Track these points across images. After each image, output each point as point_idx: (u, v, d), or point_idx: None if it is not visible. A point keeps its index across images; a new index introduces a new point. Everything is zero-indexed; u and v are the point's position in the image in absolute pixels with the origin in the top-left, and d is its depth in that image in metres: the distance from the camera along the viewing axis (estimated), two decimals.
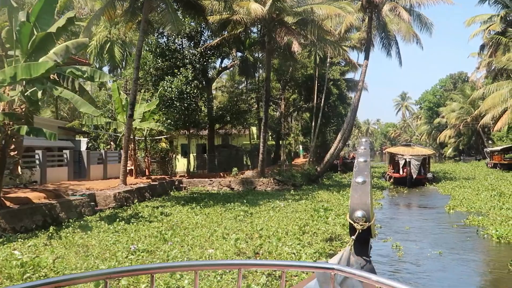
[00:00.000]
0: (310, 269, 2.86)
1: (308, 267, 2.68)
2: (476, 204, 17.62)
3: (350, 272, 2.10)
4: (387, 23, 33.16)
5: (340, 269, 2.05)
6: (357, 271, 2.15)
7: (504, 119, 38.99)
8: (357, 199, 4.14)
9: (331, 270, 2.04)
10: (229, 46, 27.71)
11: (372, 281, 1.85)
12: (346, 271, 2.08)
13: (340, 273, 2.06)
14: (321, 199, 19.69)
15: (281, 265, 2.27)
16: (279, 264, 2.40)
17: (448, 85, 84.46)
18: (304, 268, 2.99)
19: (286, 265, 2.32)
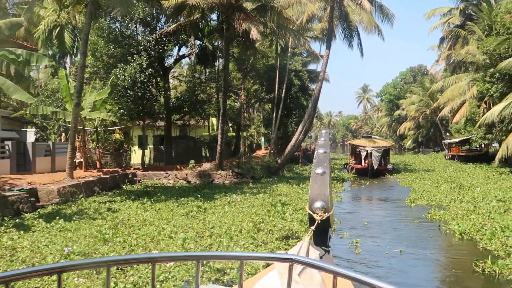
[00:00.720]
0: (269, 260, 2.78)
1: (267, 258, 2.61)
2: (436, 197, 17.32)
3: (309, 262, 2.14)
4: (349, 13, 32.76)
5: (298, 259, 2.07)
6: (315, 261, 2.16)
7: (462, 111, 39.49)
8: (316, 190, 4.19)
9: (290, 261, 2.04)
10: (187, 33, 26.53)
11: (330, 271, 1.86)
12: (305, 261, 2.11)
13: (299, 263, 2.09)
14: (280, 192, 19.00)
15: (240, 257, 2.26)
16: (238, 256, 2.42)
17: (408, 78, 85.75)
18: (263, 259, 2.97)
19: (245, 257, 2.33)
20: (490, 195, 16.85)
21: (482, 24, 38.30)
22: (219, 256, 3.45)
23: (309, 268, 2.71)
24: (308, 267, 2.65)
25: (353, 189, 23.21)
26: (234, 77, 36.50)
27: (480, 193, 17.44)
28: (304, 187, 20.69)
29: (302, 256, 2.86)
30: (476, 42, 38.28)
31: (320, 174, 4.31)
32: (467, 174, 26.88)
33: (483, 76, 32.89)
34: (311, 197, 4.29)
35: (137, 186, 22.41)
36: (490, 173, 27.09)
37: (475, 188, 19.17)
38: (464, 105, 39.64)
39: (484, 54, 32.08)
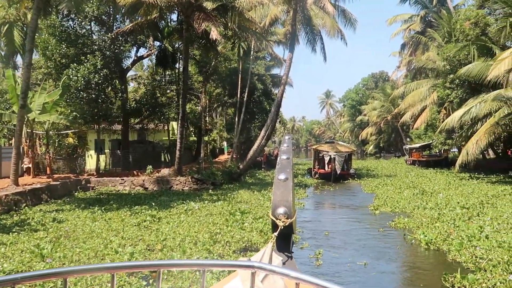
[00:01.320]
0: (232, 267, 2.77)
1: (230, 266, 2.60)
2: (400, 203, 16.96)
3: (271, 269, 2.18)
4: (312, 17, 32.53)
5: (261, 266, 2.09)
6: (277, 268, 2.17)
7: (423, 117, 39.90)
8: (279, 196, 4.18)
9: (252, 268, 2.06)
10: (145, 34, 25.52)
11: (292, 277, 1.89)
12: (267, 268, 2.18)
13: (261, 270, 2.11)
14: (240, 199, 18.25)
15: (201, 265, 2.24)
16: (200, 264, 2.38)
17: (370, 84, 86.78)
18: (225, 266, 2.82)
19: (206, 264, 2.28)
20: (453, 201, 16.64)
21: (442, 31, 38.87)
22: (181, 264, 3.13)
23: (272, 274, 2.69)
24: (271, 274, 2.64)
25: (316, 195, 22.69)
26: (196, 80, 35.58)
27: (443, 199, 17.21)
28: (265, 193, 20.03)
29: (264, 263, 2.88)
30: (436, 49, 38.82)
31: (283, 180, 4.29)
32: (428, 180, 26.88)
33: (443, 82, 33.22)
34: (274, 203, 4.28)
35: (90, 193, 21.17)
36: (451, 179, 27.20)
37: (438, 194, 18.98)
38: (424, 110, 40.08)
39: (444, 61, 32.40)
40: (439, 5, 44.16)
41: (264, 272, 2.62)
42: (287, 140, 5.59)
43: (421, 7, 45.89)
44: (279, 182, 4.28)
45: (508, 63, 21.08)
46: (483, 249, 9.00)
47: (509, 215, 13.19)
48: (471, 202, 15.87)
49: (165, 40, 27.58)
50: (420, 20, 45.58)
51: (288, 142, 5.49)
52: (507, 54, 21.62)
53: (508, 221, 12.20)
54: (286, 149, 5.05)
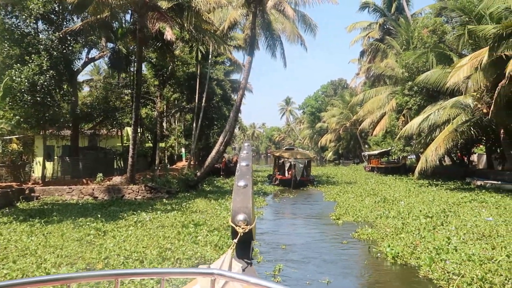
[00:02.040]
0: (191, 275, 2.73)
1: (189, 273, 2.55)
2: (362, 212, 16.40)
3: (231, 276, 2.21)
4: (272, 21, 31.97)
5: (220, 273, 2.13)
6: (237, 275, 2.21)
7: (382, 123, 40.02)
8: (239, 203, 4.20)
9: (212, 275, 2.09)
10: (97, 34, 24.15)
11: (251, 284, 1.93)
12: (227, 275, 2.22)
13: (221, 277, 2.16)
14: (196, 209, 17.23)
15: (160, 273, 2.23)
16: (158, 272, 2.40)
17: (329, 91, 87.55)
18: (185, 274, 2.81)
19: (165, 273, 2.25)
20: (415, 209, 16.25)
21: (400, 39, 39.23)
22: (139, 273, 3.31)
23: (232, 281, 2.71)
24: (231, 281, 2.63)
25: (276, 204, 21.91)
26: (151, 83, 34.30)
27: (405, 208, 16.81)
28: (222, 202, 19.10)
29: (224, 270, 2.89)
30: (395, 56, 39.10)
31: (242, 187, 4.32)
32: (388, 187, 26.67)
33: (402, 89, 33.34)
34: (234, 210, 4.28)
35: (34, 203, 19.58)
36: (410, 185, 27.11)
37: (399, 202, 18.62)
38: (383, 117, 40.24)
39: (403, 68, 32.53)
40: (397, 13, 44.74)
41: (224, 279, 2.56)
42: (247, 147, 5.55)
43: (379, 15, 46.35)
44: (238, 189, 4.28)
45: (467, 70, 21.07)
46: (453, 263, 8.42)
47: (472, 224, 12.82)
48: (434, 211, 15.49)
49: (119, 42, 26.31)
50: (379, 27, 46.01)
51: (247, 149, 5.45)
52: (466, 61, 21.62)
53: (472, 231, 11.80)
54: (245, 156, 5.04)
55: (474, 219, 13.84)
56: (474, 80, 20.92)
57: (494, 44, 19.37)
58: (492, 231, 11.59)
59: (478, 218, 14.10)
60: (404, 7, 43.56)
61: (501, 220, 13.42)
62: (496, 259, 8.69)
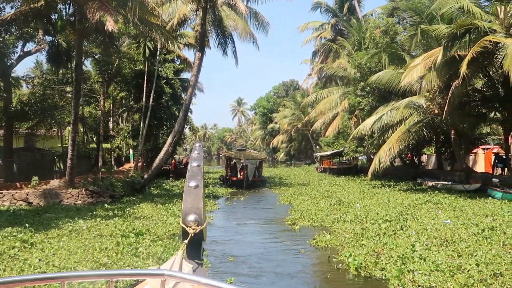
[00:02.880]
0: (141, 276, 2.76)
1: (138, 275, 2.64)
2: (318, 216, 15.61)
3: (181, 276, 2.20)
4: (223, 18, 30.90)
5: (170, 274, 2.14)
6: (187, 276, 2.22)
7: (334, 124, 39.81)
8: (189, 203, 4.20)
9: (162, 276, 2.09)
10: (33, 26, 22.23)
11: (202, 284, 1.96)
12: (177, 276, 2.21)
13: (171, 278, 2.16)
14: (140, 215, 15.88)
15: (108, 275, 2.22)
16: (107, 274, 2.34)
17: (281, 92, 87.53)
18: (134, 276, 2.85)
19: (114, 274, 2.22)
20: (372, 212, 15.67)
21: (352, 39, 39.18)
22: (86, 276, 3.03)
23: (182, 282, 2.61)
24: (181, 282, 2.55)
25: (228, 207, 20.85)
26: (95, 81, 32.37)
27: (361, 210, 16.21)
28: (170, 206, 17.84)
29: (175, 271, 2.91)
30: (347, 57, 39.00)
31: (193, 188, 4.26)
32: (342, 188, 26.22)
33: (354, 89, 33.15)
34: (185, 210, 4.18)
35: None
36: (363, 187, 26.78)
37: (355, 204, 18.03)
38: (336, 118, 40.07)
39: (355, 68, 32.32)
40: (349, 14, 44.82)
41: (174, 280, 2.46)
42: (198, 147, 5.39)
43: (331, 15, 46.30)
44: (189, 189, 4.23)
45: (420, 70, 20.85)
46: (422, 274, 7.68)
47: (432, 227, 12.31)
48: (391, 214, 14.95)
49: (58, 35, 24.43)
50: (331, 28, 45.93)
51: (198, 149, 5.31)
52: (419, 61, 21.42)
53: (433, 235, 11.25)
54: (196, 156, 4.97)
55: (432, 222, 13.38)
56: (428, 80, 20.74)
57: (448, 43, 19.19)
58: (454, 236, 11.08)
59: (436, 221, 13.66)
60: (356, 8, 43.70)
61: (459, 223, 12.99)
62: (465, 268, 8.05)
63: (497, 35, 19.09)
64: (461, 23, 18.80)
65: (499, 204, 17.23)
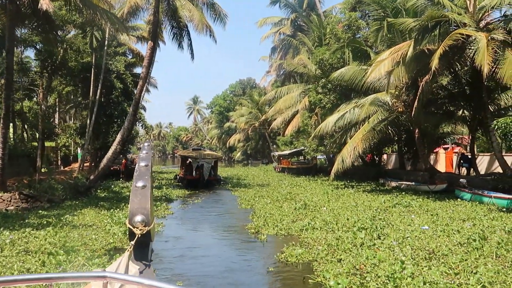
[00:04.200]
0: (82, 279, 2.55)
1: (80, 278, 2.46)
2: (283, 222, 13.96)
3: (124, 278, 2.19)
4: (178, 7, 28.92)
5: (113, 276, 2.10)
6: (130, 277, 2.21)
7: (294, 122, 38.51)
8: (136, 204, 4.12)
9: (104, 278, 2.07)
10: None
11: (145, 286, 1.94)
12: (120, 278, 2.17)
13: (114, 280, 2.12)
14: (81, 222, 13.79)
15: (48, 278, 2.18)
16: (46, 277, 2.27)
17: (238, 90, 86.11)
18: (76, 279, 2.63)
19: (54, 278, 2.22)
20: (341, 217, 14.30)
21: (312, 35, 38.04)
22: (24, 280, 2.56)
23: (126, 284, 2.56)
24: (125, 283, 2.52)
25: (183, 212, 18.91)
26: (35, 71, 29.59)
27: (330, 215, 14.80)
28: (116, 212, 15.80)
29: (119, 273, 2.92)
30: (307, 53, 37.81)
31: (140, 188, 4.17)
32: (304, 189, 24.87)
33: (315, 86, 31.95)
34: (131, 211, 4.10)
35: None
36: (326, 188, 25.55)
37: (321, 208, 16.62)
38: (296, 116, 38.78)
39: (316, 64, 31.13)
40: (308, 10, 43.68)
41: (117, 282, 2.46)
42: (146, 146, 5.17)
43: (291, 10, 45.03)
44: (136, 190, 4.16)
45: (388, 65, 19.71)
46: None
47: (411, 235, 11.01)
48: (363, 219, 13.58)
49: None
50: (290, 23, 44.66)
51: (147, 149, 5.05)
52: (386, 56, 20.30)
53: (416, 245, 9.96)
54: (145, 156, 4.82)
55: (409, 228, 12.15)
56: (396, 75, 19.62)
57: (418, 36, 18.13)
58: (439, 246, 9.79)
59: (413, 227, 12.44)
60: (316, 4, 42.64)
61: (439, 229, 11.78)
62: None
63: (467, 28, 18.21)
64: (432, 14, 17.75)
65: (470, 207, 16.32)
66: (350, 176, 30.69)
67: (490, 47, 16.26)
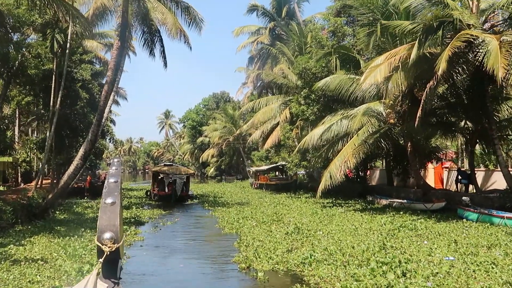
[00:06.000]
0: None
1: None
2: (277, 252, 11.40)
3: None
4: (150, 10, 26.49)
5: None
6: None
7: (274, 136, 36.30)
8: (105, 221, 4.06)
9: None
10: None
11: None
12: None
13: None
14: (26, 255, 11.02)
15: None
16: None
17: (211, 104, 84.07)
18: None
19: None
20: (344, 243, 12.05)
21: (292, 45, 36.19)
22: None
23: None
24: None
25: (155, 237, 16.21)
26: None
27: (330, 241, 12.55)
28: (74, 240, 13.11)
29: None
30: (287, 63, 35.85)
31: (109, 204, 4.10)
32: (289, 208, 22.59)
33: (297, 97, 29.93)
34: (100, 228, 4.01)
35: None
36: (312, 206, 23.37)
37: (316, 232, 14.33)
38: (275, 129, 36.58)
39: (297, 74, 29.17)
40: (287, 18, 41.84)
41: None
42: (116, 162, 5.10)
43: (269, 19, 43.15)
44: (106, 206, 4.11)
45: (385, 70, 17.77)
46: None
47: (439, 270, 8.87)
48: (370, 246, 11.40)
49: None
50: (268, 32, 42.72)
51: (117, 165, 5.01)
52: (382, 60, 18.39)
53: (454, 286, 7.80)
54: (114, 172, 4.69)
55: (431, 259, 10.06)
56: (395, 82, 17.65)
57: (422, 38, 16.24)
58: None
59: (434, 257, 10.36)
60: (296, 12, 40.94)
61: (468, 261, 9.72)
62: None
63: (473, 29, 16.47)
64: (437, 14, 15.93)
65: (483, 229, 14.40)
66: (335, 193, 28.52)
67: (504, 49, 14.48)
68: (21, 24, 23.56)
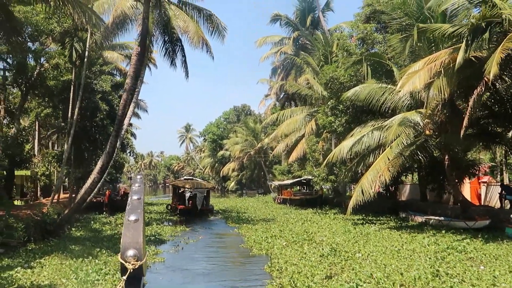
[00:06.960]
0: None
1: None
2: (315, 278, 9.98)
3: None
4: (172, 18, 25.57)
5: None
6: None
7: (299, 148, 34.85)
8: (129, 238, 4.05)
9: None
10: None
11: None
12: None
13: None
14: (33, 280, 9.85)
15: None
16: None
17: (232, 118, 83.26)
18: None
19: None
20: (389, 269, 10.57)
21: (317, 54, 34.90)
22: None
23: None
24: None
25: (176, 258, 14.90)
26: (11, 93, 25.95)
27: (373, 266, 11.07)
28: (88, 262, 11.91)
29: None
30: (311, 73, 34.55)
31: (133, 221, 4.08)
32: (318, 226, 21.09)
33: (324, 108, 28.55)
34: (124, 245, 4.00)
35: None
36: (343, 224, 21.83)
37: (355, 254, 12.86)
38: (300, 141, 35.14)
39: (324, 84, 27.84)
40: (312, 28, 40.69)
41: None
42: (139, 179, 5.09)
43: (292, 29, 42.06)
44: (129, 223, 4.10)
45: (424, 76, 16.32)
46: None
47: None
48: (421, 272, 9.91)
49: None
50: (292, 42, 41.54)
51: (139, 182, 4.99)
52: (420, 66, 16.95)
53: None
54: (137, 189, 4.72)
55: None
56: (437, 88, 16.16)
57: (468, 40, 14.78)
58: None
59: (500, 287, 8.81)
60: (321, 21, 39.73)
61: None
62: None
63: None
64: (484, 13, 14.48)
65: None
66: (364, 209, 26.85)
67: None
68: (39, 33, 22.84)
